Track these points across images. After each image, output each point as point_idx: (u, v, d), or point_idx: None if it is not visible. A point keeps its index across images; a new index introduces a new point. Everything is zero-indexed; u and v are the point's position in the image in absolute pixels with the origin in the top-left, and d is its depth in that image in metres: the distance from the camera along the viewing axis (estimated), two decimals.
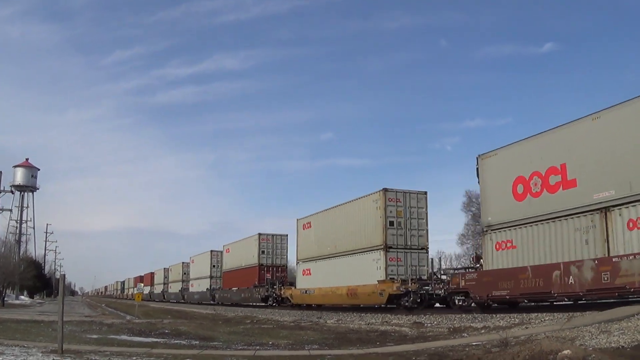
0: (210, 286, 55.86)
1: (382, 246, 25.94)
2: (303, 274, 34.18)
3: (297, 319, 25.47)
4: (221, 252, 54.52)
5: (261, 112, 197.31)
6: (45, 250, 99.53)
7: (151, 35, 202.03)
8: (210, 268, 56.98)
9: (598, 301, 15.79)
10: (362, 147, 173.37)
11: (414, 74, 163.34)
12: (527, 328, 13.51)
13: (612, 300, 15.34)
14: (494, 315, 17.69)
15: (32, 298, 77.12)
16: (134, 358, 10.32)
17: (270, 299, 39.52)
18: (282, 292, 37.49)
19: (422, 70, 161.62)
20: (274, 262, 43.65)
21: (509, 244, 18.91)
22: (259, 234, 43.72)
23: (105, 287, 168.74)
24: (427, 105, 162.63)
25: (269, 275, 41.57)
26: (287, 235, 44.14)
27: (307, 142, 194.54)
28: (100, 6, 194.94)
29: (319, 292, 31.35)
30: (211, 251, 57.63)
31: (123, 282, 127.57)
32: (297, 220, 36.15)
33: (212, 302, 52.82)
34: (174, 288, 73.21)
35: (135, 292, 48.90)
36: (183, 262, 69.24)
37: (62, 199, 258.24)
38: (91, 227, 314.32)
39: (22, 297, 69.32)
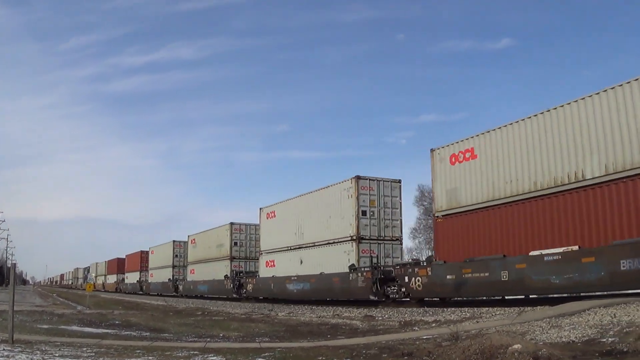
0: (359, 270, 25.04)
1: None
2: None
3: (249, 311, 25.34)
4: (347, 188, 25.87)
5: (216, 102, 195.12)
6: None
7: (108, 22, 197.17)
8: (356, 218, 24.48)
9: (549, 296, 16.00)
10: (317, 139, 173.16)
11: (371, 66, 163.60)
12: (478, 322, 13.51)
13: (564, 295, 15.54)
14: (446, 309, 17.76)
15: None
16: (85, 349, 10.26)
17: None
18: None
19: (378, 63, 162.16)
20: None
21: None
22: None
23: (61, 276, 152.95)
24: (383, 98, 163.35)
25: None
26: None
27: (261, 133, 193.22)
28: None
29: None
30: (357, 178, 24.98)
31: (87, 269, 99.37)
32: None
33: (373, 298, 22.94)
34: (204, 272, 43.00)
35: (87, 282, 47.77)
36: (232, 224, 39.96)
37: (14, 186, 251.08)
38: (43, 215, 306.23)
39: None
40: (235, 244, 39.79)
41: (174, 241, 53.29)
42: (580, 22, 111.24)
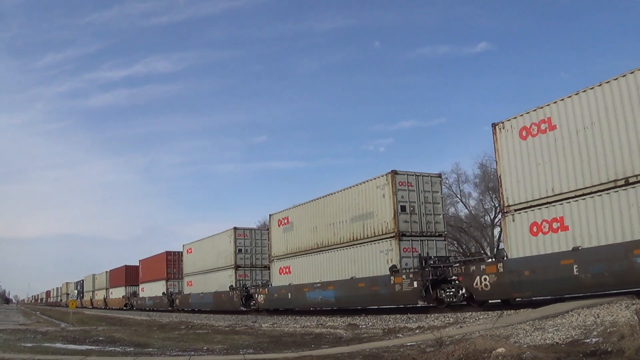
0: None
1: None
2: None
3: (232, 323, 25.17)
4: None
5: (194, 114, 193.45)
6: None
7: (84, 38, 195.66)
8: None
9: (533, 299, 16.14)
10: (296, 149, 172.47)
11: (348, 75, 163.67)
12: (461, 327, 13.49)
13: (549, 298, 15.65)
14: (429, 315, 17.74)
15: None
16: None
17: None
18: None
19: (355, 71, 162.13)
20: None
21: None
22: None
23: (47, 293, 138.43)
24: (361, 106, 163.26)
25: None
26: None
27: (240, 145, 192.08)
28: (32, 8, 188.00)
29: None
30: None
31: (79, 283, 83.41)
32: None
33: None
34: (326, 267, 25.17)
35: (70, 299, 46.67)
36: (395, 173, 22.02)
37: None
38: (23, 233, 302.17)
39: None
40: (403, 208, 21.34)
41: (235, 228, 35.29)
42: (556, 24, 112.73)
